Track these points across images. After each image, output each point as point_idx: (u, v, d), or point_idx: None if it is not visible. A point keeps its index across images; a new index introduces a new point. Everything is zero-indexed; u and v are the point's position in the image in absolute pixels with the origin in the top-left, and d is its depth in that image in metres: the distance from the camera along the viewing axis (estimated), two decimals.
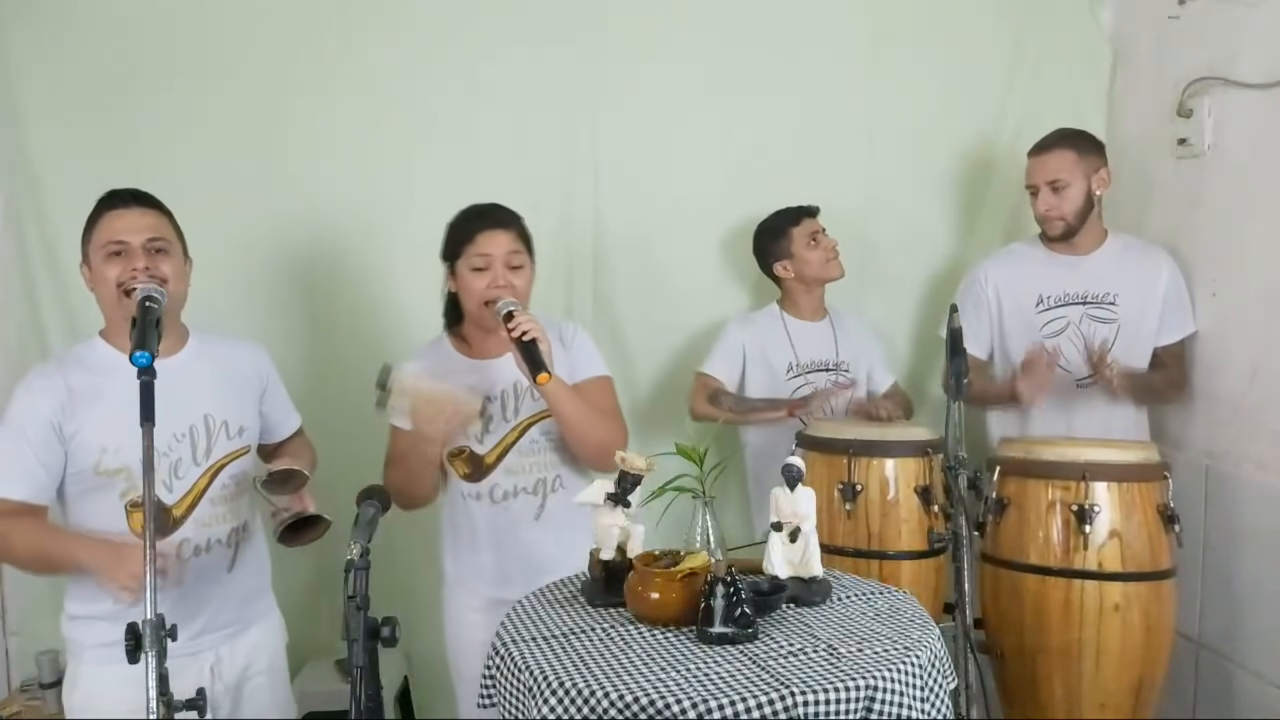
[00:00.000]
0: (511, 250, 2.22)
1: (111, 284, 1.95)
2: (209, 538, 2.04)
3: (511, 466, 2.25)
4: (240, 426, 2.10)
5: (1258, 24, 2.63)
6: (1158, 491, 2.43)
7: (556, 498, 2.26)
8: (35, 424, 1.93)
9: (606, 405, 2.28)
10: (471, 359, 2.29)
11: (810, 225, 2.90)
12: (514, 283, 2.20)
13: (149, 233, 1.97)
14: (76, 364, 2.00)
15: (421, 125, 2.94)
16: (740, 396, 2.86)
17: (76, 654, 2.03)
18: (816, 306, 2.96)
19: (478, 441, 2.25)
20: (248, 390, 2.16)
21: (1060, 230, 2.78)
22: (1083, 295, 2.79)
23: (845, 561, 2.41)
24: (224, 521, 2.06)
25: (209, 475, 2.04)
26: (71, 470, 1.95)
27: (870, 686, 1.51)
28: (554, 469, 2.27)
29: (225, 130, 2.83)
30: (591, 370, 2.30)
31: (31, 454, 1.92)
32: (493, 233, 2.22)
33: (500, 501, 2.26)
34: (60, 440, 1.93)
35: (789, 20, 3.10)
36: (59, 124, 2.76)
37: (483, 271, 2.20)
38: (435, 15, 2.92)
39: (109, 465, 1.94)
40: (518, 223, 2.27)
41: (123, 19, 2.78)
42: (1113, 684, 2.37)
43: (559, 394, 2.15)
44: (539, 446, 2.26)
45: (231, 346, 2.18)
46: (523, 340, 2.08)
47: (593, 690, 1.49)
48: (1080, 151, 2.74)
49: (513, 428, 2.25)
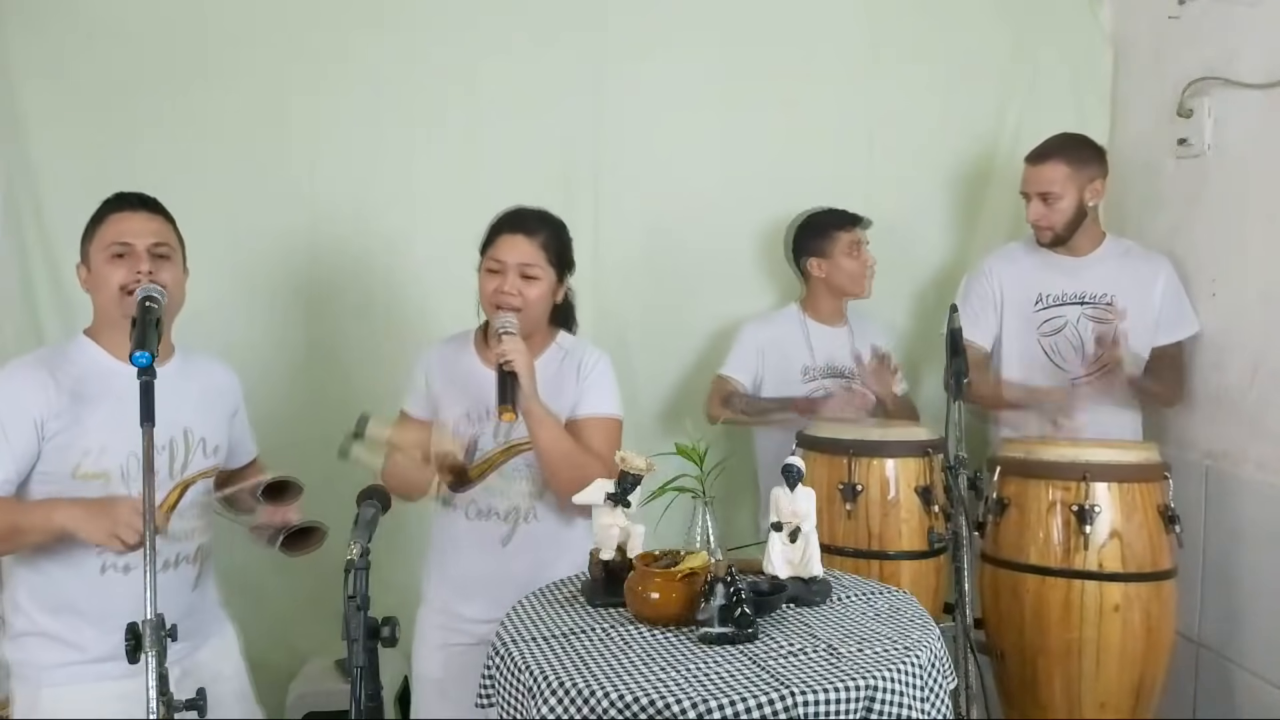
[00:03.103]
0: (526, 261, 2.15)
1: (114, 285, 1.92)
2: (178, 553, 1.98)
3: (491, 487, 2.20)
4: (216, 445, 2.07)
5: (1257, 24, 2.63)
6: (1158, 492, 2.43)
7: (526, 529, 2.20)
8: (15, 417, 1.86)
9: (600, 446, 2.14)
10: (484, 364, 2.22)
11: (857, 235, 2.88)
12: (525, 292, 2.15)
13: (154, 237, 1.96)
14: (66, 361, 1.95)
15: (421, 125, 2.94)
16: (753, 398, 2.85)
17: (28, 677, 1.91)
18: (837, 312, 2.95)
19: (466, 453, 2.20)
20: (224, 410, 2.13)
21: (1049, 239, 2.79)
22: (1080, 295, 2.79)
23: (845, 561, 2.41)
24: (191, 539, 2.02)
25: (179, 490, 1.99)
26: (42, 469, 1.88)
27: (870, 686, 1.51)
28: (529, 500, 2.20)
29: (225, 130, 2.83)
30: (598, 408, 2.21)
31: (6, 448, 1.86)
32: (512, 238, 2.16)
33: (474, 519, 2.22)
34: (38, 437, 1.87)
35: (789, 20, 3.10)
36: (59, 125, 2.76)
37: (495, 274, 2.16)
38: (435, 15, 2.93)
39: (88, 469, 1.88)
40: (546, 231, 2.20)
41: (123, 20, 2.78)
42: (1113, 684, 2.37)
43: (538, 423, 2.08)
44: (519, 474, 2.20)
45: (211, 364, 2.15)
46: (502, 368, 2.04)
47: (593, 690, 1.49)
48: (1074, 164, 2.73)
49: (500, 448, 2.20)
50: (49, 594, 1.91)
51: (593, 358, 2.26)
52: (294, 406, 2.34)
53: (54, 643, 1.90)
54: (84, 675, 1.86)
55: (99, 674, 1.84)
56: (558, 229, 2.23)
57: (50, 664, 1.90)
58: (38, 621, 1.92)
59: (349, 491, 1.80)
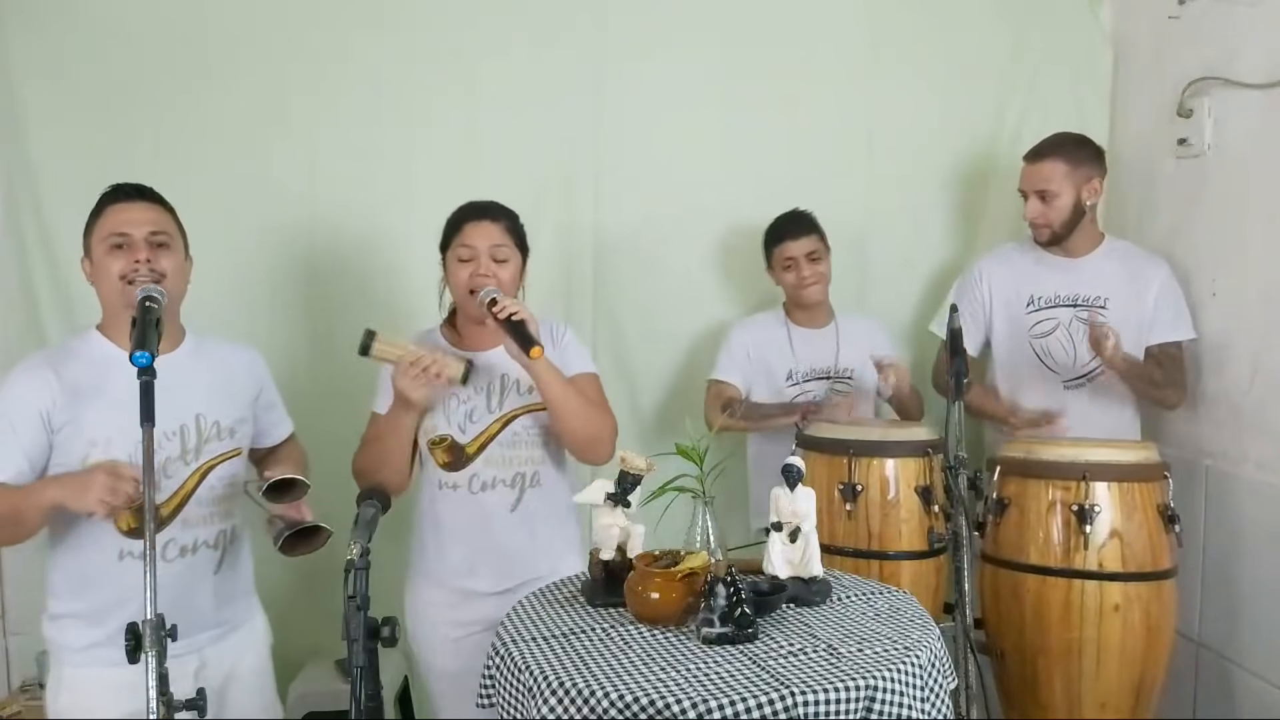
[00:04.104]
0: (497, 243, 2.23)
1: (114, 276, 1.94)
2: (196, 539, 2.02)
3: (492, 458, 2.24)
4: (232, 428, 2.08)
5: (1257, 24, 2.63)
6: (1158, 491, 2.43)
7: (534, 493, 2.25)
8: (22, 412, 1.91)
9: (596, 398, 2.29)
10: (462, 350, 2.29)
11: (786, 249, 2.83)
12: (499, 274, 2.22)
13: (151, 226, 1.97)
14: (71, 356, 1.99)
15: (421, 125, 2.94)
16: (753, 404, 2.84)
17: (59, 656, 2.00)
18: (817, 314, 2.93)
19: (460, 431, 2.23)
20: (242, 392, 2.15)
21: (1046, 238, 2.79)
22: (1073, 298, 2.79)
23: (845, 561, 2.41)
24: (211, 523, 2.04)
25: (198, 475, 2.01)
26: (57, 462, 1.93)
27: (870, 686, 1.51)
28: (533, 464, 2.26)
29: (225, 130, 2.83)
30: (580, 366, 2.31)
31: (15, 441, 1.90)
32: (479, 224, 2.24)
33: (477, 493, 2.24)
34: (47, 431, 1.91)
35: (789, 20, 3.10)
36: (59, 125, 2.76)
37: (467, 262, 2.22)
38: (435, 15, 2.93)
39: (97, 459, 1.90)
40: (507, 217, 2.28)
41: (123, 20, 2.78)
42: (1113, 684, 2.37)
43: (550, 376, 2.15)
44: (520, 440, 2.25)
45: (227, 349, 2.17)
46: (511, 320, 2.09)
47: (593, 690, 1.49)
48: (1072, 162, 2.73)
49: (496, 419, 2.24)
50: (75, 579, 1.97)
51: (560, 327, 2.36)
52: (292, 406, 2.34)
53: (80, 624, 1.96)
54: (105, 659, 1.87)
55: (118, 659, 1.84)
56: (515, 216, 2.31)
57: (76, 645, 1.96)
58: (68, 604, 1.99)
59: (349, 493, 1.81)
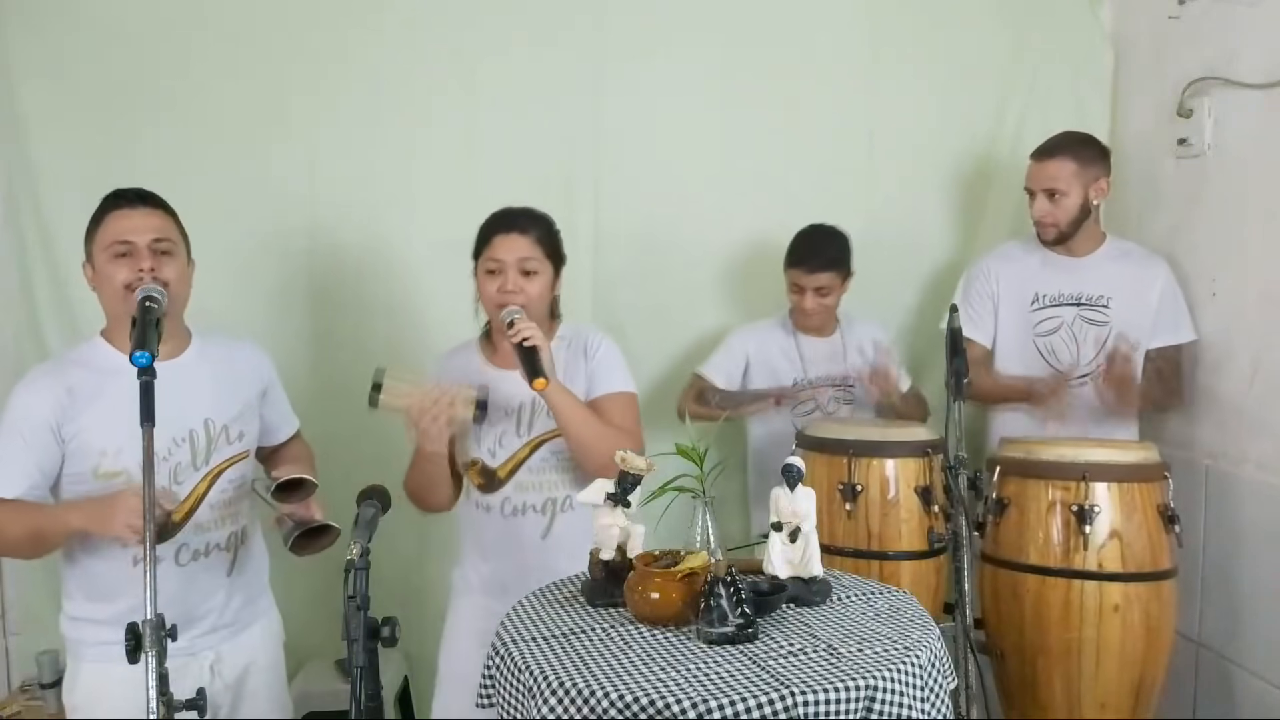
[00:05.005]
0: (525, 256, 2.17)
1: (118, 285, 1.93)
2: (208, 542, 2.03)
3: (523, 483, 2.22)
4: (240, 431, 2.09)
5: (1257, 24, 2.63)
6: (1158, 491, 2.43)
7: (565, 518, 2.23)
8: (32, 424, 1.91)
9: (623, 421, 2.20)
10: (495, 366, 2.25)
11: (797, 276, 2.82)
12: (526, 288, 2.17)
13: (154, 233, 1.96)
14: (77, 364, 1.99)
15: (421, 125, 2.94)
16: (727, 391, 2.84)
17: (76, 653, 2.02)
18: (823, 323, 2.92)
19: (490, 456, 2.22)
20: (248, 392, 2.15)
21: (1053, 236, 2.79)
22: (1076, 296, 2.79)
23: (845, 561, 2.41)
24: (223, 526, 2.05)
25: (208, 480, 2.02)
26: (69, 471, 1.94)
27: (870, 686, 1.51)
28: (563, 489, 2.23)
29: (225, 130, 2.83)
30: (611, 385, 2.24)
31: (27, 454, 1.91)
32: (507, 237, 2.19)
33: (509, 516, 2.23)
34: (58, 441, 1.92)
35: (789, 20, 3.10)
36: (59, 125, 2.75)
37: (494, 275, 2.18)
38: (435, 15, 2.93)
39: (108, 468, 1.92)
40: (537, 227, 2.22)
41: (123, 20, 2.78)
42: (1113, 684, 2.37)
43: (561, 401, 2.11)
44: (548, 465, 2.22)
45: (232, 347, 2.17)
46: (522, 346, 2.06)
47: (593, 690, 1.49)
48: (1081, 161, 2.73)
49: (525, 444, 2.22)
50: (89, 583, 1.99)
51: (596, 339, 2.29)
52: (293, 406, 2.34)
53: (94, 624, 1.98)
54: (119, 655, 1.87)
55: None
56: (548, 223, 2.26)
57: (92, 642, 1.98)
58: (82, 606, 2.01)
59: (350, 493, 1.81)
